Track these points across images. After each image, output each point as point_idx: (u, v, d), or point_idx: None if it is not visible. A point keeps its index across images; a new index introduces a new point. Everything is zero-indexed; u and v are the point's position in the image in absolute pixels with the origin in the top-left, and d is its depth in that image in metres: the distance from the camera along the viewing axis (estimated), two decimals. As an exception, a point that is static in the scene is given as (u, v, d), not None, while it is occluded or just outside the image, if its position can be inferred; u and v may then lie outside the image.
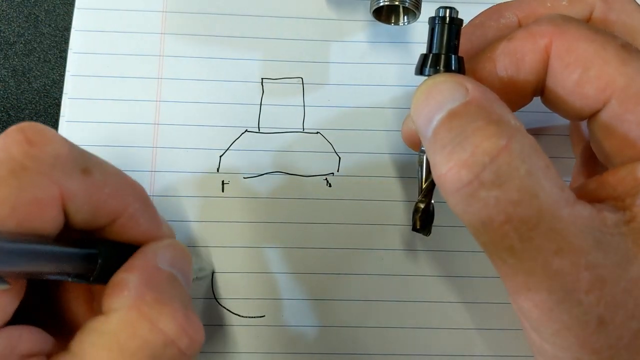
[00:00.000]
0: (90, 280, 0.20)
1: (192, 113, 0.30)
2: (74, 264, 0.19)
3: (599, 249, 0.18)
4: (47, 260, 0.18)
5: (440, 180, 0.19)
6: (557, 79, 0.21)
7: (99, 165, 0.21)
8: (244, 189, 0.29)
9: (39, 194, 0.18)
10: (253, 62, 0.30)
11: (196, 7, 0.31)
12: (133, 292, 0.19)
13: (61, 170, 0.19)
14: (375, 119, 0.30)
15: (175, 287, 0.21)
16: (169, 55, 0.30)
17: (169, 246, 0.22)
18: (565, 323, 0.18)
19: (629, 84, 0.19)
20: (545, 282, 0.18)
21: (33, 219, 0.18)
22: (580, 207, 0.18)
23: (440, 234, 0.28)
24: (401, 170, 0.29)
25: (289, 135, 0.30)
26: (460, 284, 0.28)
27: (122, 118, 0.29)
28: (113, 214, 0.21)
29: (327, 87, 0.30)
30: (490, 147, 0.18)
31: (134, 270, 0.20)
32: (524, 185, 0.18)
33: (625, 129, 0.20)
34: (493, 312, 0.28)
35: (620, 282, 0.18)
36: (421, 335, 0.27)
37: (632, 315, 0.18)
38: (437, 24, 0.21)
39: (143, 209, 0.22)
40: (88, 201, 0.20)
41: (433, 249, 0.28)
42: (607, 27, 0.23)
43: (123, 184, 0.22)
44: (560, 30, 0.21)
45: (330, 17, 0.31)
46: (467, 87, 0.19)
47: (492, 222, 0.18)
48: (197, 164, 0.29)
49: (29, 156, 0.18)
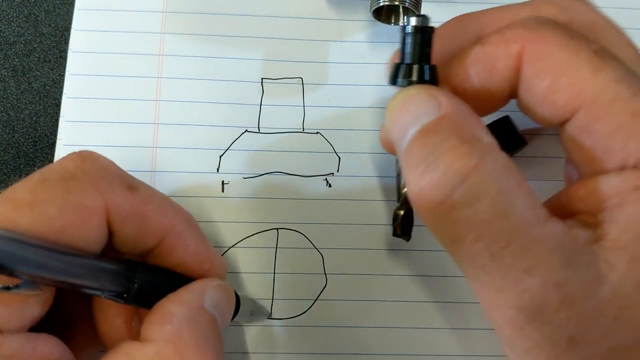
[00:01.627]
0: (125, 300, 0.21)
1: (192, 113, 0.30)
2: (111, 281, 0.20)
3: (569, 267, 0.18)
4: (83, 272, 0.19)
5: (414, 198, 0.19)
6: (528, 86, 0.21)
7: (144, 185, 0.22)
8: (244, 189, 0.29)
9: (84, 200, 0.19)
10: (253, 62, 0.30)
11: (196, 7, 0.31)
12: (175, 327, 0.20)
13: (107, 183, 0.20)
14: (375, 119, 0.30)
15: (213, 331, 0.21)
16: (168, 54, 0.30)
17: (218, 287, 0.22)
18: (537, 341, 0.18)
19: (598, 94, 0.19)
20: (515, 299, 0.18)
21: (78, 225, 0.19)
22: (551, 225, 0.18)
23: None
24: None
25: (289, 135, 0.30)
26: (461, 284, 0.28)
27: (122, 118, 0.29)
28: (159, 232, 0.22)
29: (327, 87, 0.30)
30: (462, 167, 0.18)
31: (181, 305, 0.21)
32: (495, 204, 0.18)
33: (594, 140, 0.19)
34: (493, 312, 0.28)
35: (590, 301, 0.17)
36: (421, 335, 0.27)
37: (604, 335, 0.18)
38: (408, 34, 0.21)
39: (190, 229, 0.23)
40: (133, 216, 0.21)
41: (433, 249, 0.28)
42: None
43: (168, 203, 0.22)
44: (533, 36, 0.20)
45: (330, 17, 0.31)
46: (441, 100, 0.19)
47: (463, 241, 0.18)
48: (197, 164, 0.29)
49: (79, 168, 0.20)
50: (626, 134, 0.18)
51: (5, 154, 0.31)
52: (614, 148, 0.19)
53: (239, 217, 0.28)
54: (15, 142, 0.31)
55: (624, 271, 0.18)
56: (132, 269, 0.21)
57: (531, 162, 0.29)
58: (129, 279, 0.20)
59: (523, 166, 0.29)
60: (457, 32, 0.24)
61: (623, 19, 0.31)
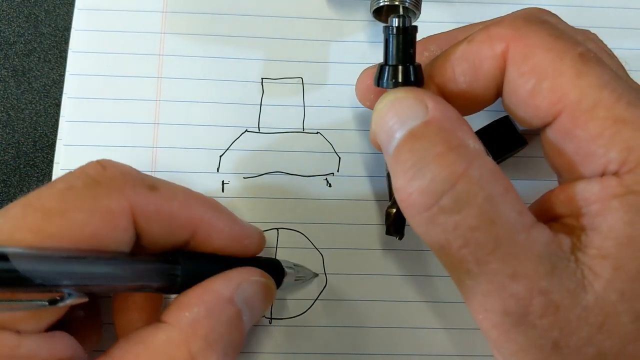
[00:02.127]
0: (174, 292, 0.21)
1: (192, 113, 0.30)
2: (156, 277, 0.20)
3: (554, 274, 0.18)
4: (127, 275, 0.20)
5: (402, 203, 0.19)
6: (511, 87, 0.21)
7: (165, 183, 0.22)
8: (244, 189, 0.29)
9: (110, 205, 0.20)
10: (253, 61, 0.30)
11: (196, 7, 0.31)
12: (193, 316, 0.20)
13: (130, 186, 0.21)
14: (375, 119, 0.30)
15: (233, 327, 0.21)
16: (168, 54, 0.30)
17: (255, 283, 0.22)
18: (522, 345, 0.18)
19: (581, 99, 0.19)
20: (501, 304, 0.18)
21: (107, 229, 0.20)
22: (537, 231, 0.18)
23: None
24: (401, 170, 0.29)
25: (289, 135, 0.30)
26: (460, 284, 0.28)
27: (122, 118, 0.29)
28: (189, 226, 0.22)
29: (327, 87, 0.30)
30: (449, 175, 0.18)
31: (206, 294, 0.21)
32: (481, 211, 0.18)
33: (575, 146, 0.19)
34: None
35: (574, 308, 0.18)
36: (421, 335, 0.27)
37: (587, 342, 0.18)
38: (391, 34, 0.21)
39: (218, 214, 0.23)
40: (159, 214, 0.21)
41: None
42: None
43: (191, 196, 0.23)
44: (518, 35, 0.20)
45: (330, 17, 0.31)
46: (427, 104, 0.19)
47: (450, 246, 0.18)
48: (197, 164, 0.29)
49: (101, 175, 0.21)
50: (607, 140, 0.18)
51: (5, 154, 0.31)
52: (595, 154, 0.19)
53: (239, 217, 0.28)
54: (15, 142, 0.31)
55: (608, 279, 0.18)
56: (173, 260, 0.21)
57: (531, 162, 0.29)
58: (171, 270, 0.21)
59: (523, 166, 0.29)
60: (419, 51, 0.24)
61: (623, 18, 0.31)
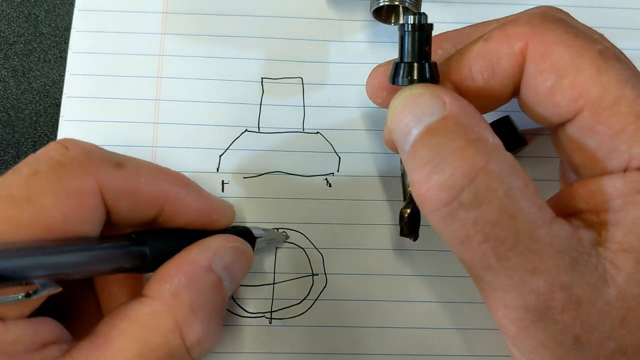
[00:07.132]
0: (145, 271, 0.21)
1: (192, 112, 0.30)
2: (124, 258, 0.20)
3: (575, 269, 0.18)
4: (95, 260, 0.20)
5: (420, 199, 0.19)
6: (530, 84, 0.21)
7: (131, 159, 0.22)
8: (244, 189, 0.29)
9: (77, 185, 0.20)
10: (253, 61, 0.30)
11: (196, 8, 0.31)
12: (174, 287, 0.20)
13: (95, 165, 0.21)
14: (375, 119, 0.30)
15: (214, 294, 0.21)
16: (168, 55, 0.30)
17: (233, 249, 0.22)
18: (542, 341, 0.18)
19: (602, 95, 0.19)
20: (521, 300, 0.18)
21: (76, 209, 0.20)
22: (557, 226, 0.18)
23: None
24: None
25: (289, 135, 0.30)
26: (461, 283, 0.28)
27: (122, 117, 0.29)
28: (156, 201, 0.22)
29: (327, 87, 0.30)
30: (469, 169, 0.18)
31: (184, 264, 0.21)
32: (502, 206, 0.18)
33: (597, 142, 0.19)
34: (493, 312, 0.28)
35: (596, 303, 0.18)
36: (421, 335, 0.27)
37: (608, 336, 0.18)
38: (407, 32, 0.21)
39: (186, 190, 0.23)
40: (126, 191, 0.21)
41: (433, 249, 0.28)
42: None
43: (158, 171, 0.23)
44: (536, 33, 0.20)
45: (330, 17, 0.31)
46: (445, 100, 0.19)
47: (470, 241, 0.18)
48: (197, 163, 0.29)
49: (64, 155, 0.20)
50: (630, 135, 0.18)
51: (5, 154, 0.31)
52: (618, 149, 0.19)
53: (239, 217, 0.28)
54: (15, 142, 0.31)
55: (631, 273, 0.18)
56: (140, 241, 0.21)
57: (531, 162, 0.29)
58: (140, 251, 0.21)
59: (523, 166, 0.29)
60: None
61: (623, 19, 0.31)
